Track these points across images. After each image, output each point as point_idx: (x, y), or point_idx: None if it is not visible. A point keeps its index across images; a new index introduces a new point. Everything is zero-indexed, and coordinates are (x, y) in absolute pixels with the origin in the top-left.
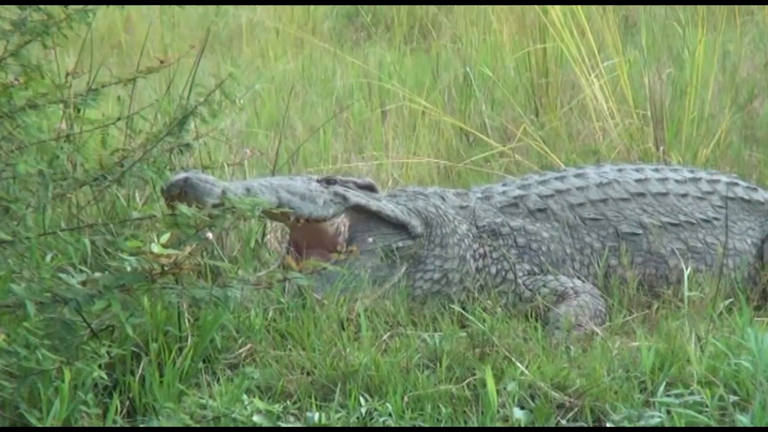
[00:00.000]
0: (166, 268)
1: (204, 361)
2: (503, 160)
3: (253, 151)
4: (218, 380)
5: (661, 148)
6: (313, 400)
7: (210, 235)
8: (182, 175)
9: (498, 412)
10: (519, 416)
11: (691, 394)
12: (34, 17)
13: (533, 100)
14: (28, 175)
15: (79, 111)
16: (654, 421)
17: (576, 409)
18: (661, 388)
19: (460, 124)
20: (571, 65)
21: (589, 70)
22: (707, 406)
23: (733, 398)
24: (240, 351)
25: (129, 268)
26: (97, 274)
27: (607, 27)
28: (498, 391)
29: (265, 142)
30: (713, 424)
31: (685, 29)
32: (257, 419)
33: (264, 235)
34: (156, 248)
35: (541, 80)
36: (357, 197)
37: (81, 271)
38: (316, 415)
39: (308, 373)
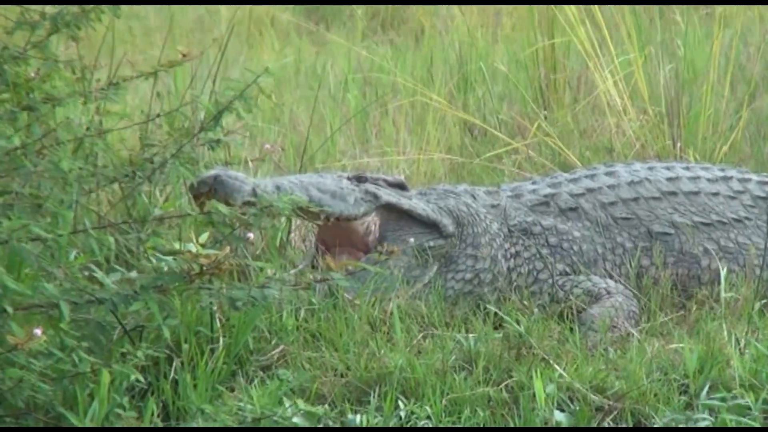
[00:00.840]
0: (205, 268)
1: (235, 363)
2: (515, 156)
3: (273, 146)
4: (252, 383)
5: (678, 145)
6: (347, 403)
7: (251, 235)
8: (212, 172)
9: (537, 414)
10: (560, 419)
11: (734, 397)
12: (70, 10)
13: (538, 95)
14: (60, 171)
15: (99, 104)
16: (702, 424)
17: (615, 412)
18: (704, 391)
19: (473, 119)
20: (585, 60)
21: (603, 66)
22: (750, 409)
23: None
24: (273, 353)
25: (166, 268)
26: (133, 274)
27: (622, 21)
28: (535, 394)
29: (270, 137)
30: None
31: (686, 25)
32: (297, 421)
33: (289, 233)
34: (194, 248)
35: (549, 76)
36: (388, 195)
37: (113, 269)
38: (357, 417)
39: (342, 375)
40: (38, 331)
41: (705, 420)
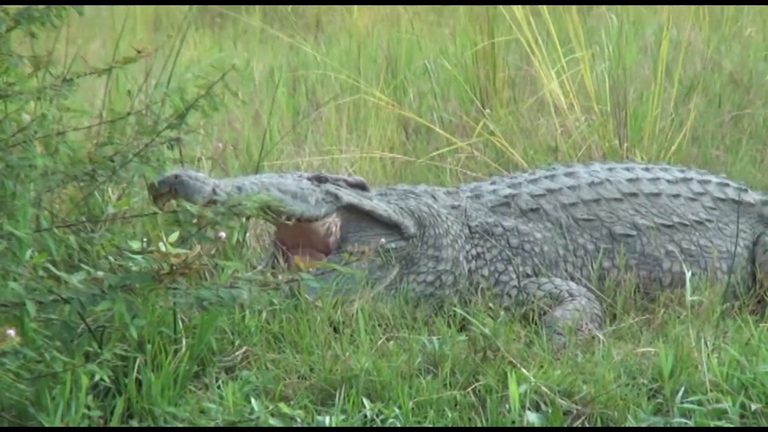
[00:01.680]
0: (174, 268)
1: (198, 364)
2: (457, 155)
3: (225, 144)
4: (216, 383)
5: (625, 146)
6: (311, 405)
7: (223, 234)
8: (172, 172)
9: (505, 416)
10: (533, 419)
11: (709, 401)
12: (39, 9)
13: (477, 93)
14: (32, 168)
15: (51, 101)
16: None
17: (584, 417)
18: (679, 395)
19: (416, 117)
20: (528, 57)
21: (549, 64)
22: (727, 412)
23: (755, 406)
24: (236, 354)
25: (134, 267)
26: (101, 273)
27: (570, 20)
28: (503, 397)
29: (211, 135)
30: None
31: (622, 22)
32: (273, 422)
33: (245, 233)
34: (164, 247)
35: (489, 74)
36: (349, 196)
37: (76, 268)
38: (327, 418)
39: (305, 377)
40: (12, 332)
41: (683, 423)
